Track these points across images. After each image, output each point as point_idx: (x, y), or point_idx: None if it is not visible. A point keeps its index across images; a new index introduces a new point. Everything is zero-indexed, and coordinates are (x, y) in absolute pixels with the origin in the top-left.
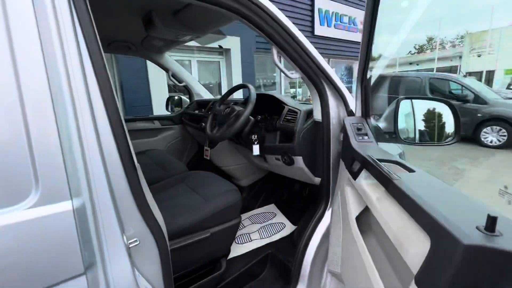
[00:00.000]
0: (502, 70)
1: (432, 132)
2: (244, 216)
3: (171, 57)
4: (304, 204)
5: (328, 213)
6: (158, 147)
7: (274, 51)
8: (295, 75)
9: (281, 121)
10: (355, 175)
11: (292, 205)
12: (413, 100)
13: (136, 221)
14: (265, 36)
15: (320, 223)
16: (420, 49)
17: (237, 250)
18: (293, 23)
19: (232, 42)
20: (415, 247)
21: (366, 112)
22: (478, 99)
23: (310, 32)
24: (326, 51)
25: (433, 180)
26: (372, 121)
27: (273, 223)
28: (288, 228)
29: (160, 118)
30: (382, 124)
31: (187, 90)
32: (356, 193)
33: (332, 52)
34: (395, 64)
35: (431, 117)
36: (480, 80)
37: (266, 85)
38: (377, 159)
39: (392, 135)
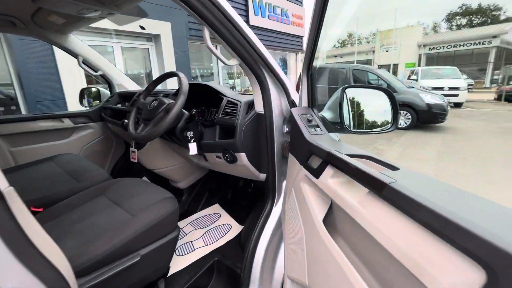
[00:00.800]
0: (404, 63)
1: (373, 120)
2: (184, 222)
3: (83, 41)
4: (250, 201)
5: (276, 210)
6: (71, 151)
7: (206, 33)
8: (233, 62)
9: (220, 115)
10: (316, 172)
11: (238, 203)
12: (356, 89)
13: (14, 272)
14: (196, 15)
15: (268, 221)
16: (343, 44)
17: (178, 264)
18: None
19: (162, 28)
20: (451, 276)
21: (313, 102)
22: (389, 88)
23: (245, 22)
24: (261, 42)
25: (431, 180)
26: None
27: (219, 226)
28: (235, 229)
29: (71, 115)
30: (326, 114)
31: (106, 81)
32: (318, 192)
33: (266, 43)
34: (323, 56)
35: (371, 105)
36: (389, 71)
37: (203, 76)
38: (346, 154)
39: (338, 125)
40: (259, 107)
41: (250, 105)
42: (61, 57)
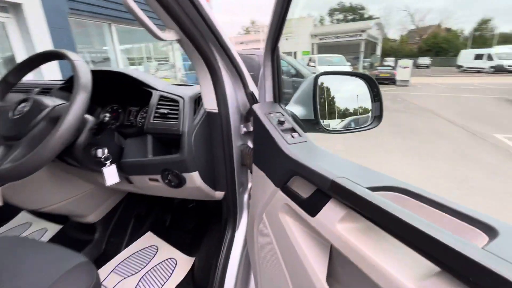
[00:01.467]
0: (301, 51)
1: (352, 115)
2: (105, 271)
3: None
4: (198, 223)
5: (239, 234)
6: None
7: None
8: (169, 35)
9: (152, 118)
10: (310, 208)
11: (179, 227)
12: (331, 76)
13: None
14: None
15: (232, 251)
16: (247, 31)
17: None
18: None
19: None
20: None
21: (280, 96)
22: (298, 74)
23: None
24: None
25: None
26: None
27: (159, 264)
28: (183, 263)
29: None
30: (295, 110)
31: None
32: (314, 234)
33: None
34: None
35: (350, 96)
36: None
37: (94, 62)
38: (368, 188)
39: (311, 123)
40: (210, 104)
41: (196, 101)
42: None
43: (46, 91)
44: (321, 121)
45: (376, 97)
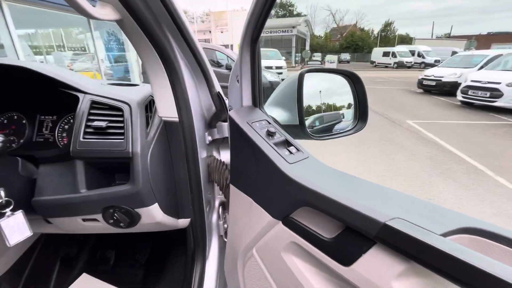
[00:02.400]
0: (237, 44)
1: (335, 117)
2: None
3: None
4: (150, 253)
5: (210, 267)
6: None
7: None
8: (105, 12)
9: (83, 135)
10: (340, 254)
11: (125, 263)
12: (316, 74)
13: None
14: None
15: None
16: None
17: None
18: None
19: None
20: None
21: (260, 99)
22: None
23: None
24: None
25: None
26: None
27: None
28: None
29: None
30: (275, 114)
31: None
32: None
33: None
34: None
35: (334, 96)
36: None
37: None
38: (441, 234)
39: (295, 128)
40: (167, 111)
41: (147, 107)
42: None
43: None
44: (305, 126)
45: (360, 96)
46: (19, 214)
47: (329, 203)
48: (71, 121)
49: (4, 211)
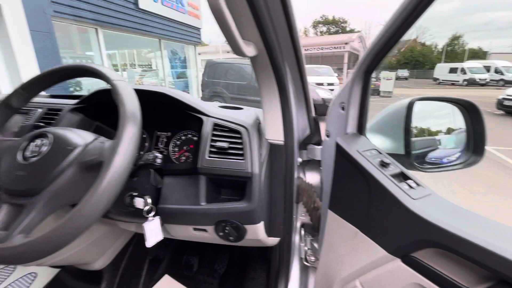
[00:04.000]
0: None
1: (446, 149)
2: None
3: None
4: (228, 265)
5: None
6: None
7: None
8: (250, 50)
9: (208, 154)
10: None
11: (204, 270)
12: (427, 102)
13: None
14: None
15: None
16: None
17: None
18: None
19: None
20: None
21: (365, 127)
22: None
23: (133, 4)
24: (156, 30)
25: None
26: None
27: None
28: None
29: None
30: (376, 141)
31: None
32: None
33: (162, 32)
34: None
35: (444, 126)
36: None
37: None
38: None
39: (400, 158)
40: (275, 134)
41: (258, 131)
42: None
43: (52, 113)
44: (412, 156)
45: (477, 127)
46: (157, 219)
47: (473, 249)
48: (182, 137)
49: (148, 216)
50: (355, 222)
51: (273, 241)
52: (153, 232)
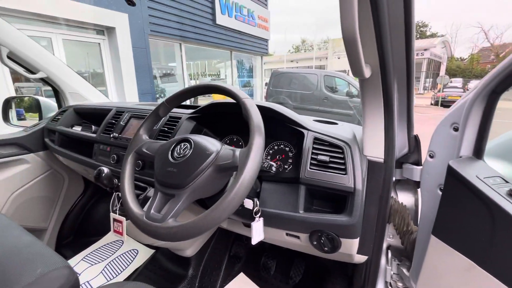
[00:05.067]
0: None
1: None
2: None
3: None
4: (303, 275)
5: None
6: None
7: None
8: (367, 71)
9: (309, 166)
10: None
11: (279, 276)
12: None
13: None
14: None
15: None
16: (297, 49)
17: None
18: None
19: (118, 20)
20: None
21: (483, 149)
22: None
23: (211, 21)
24: (228, 43)
25: None
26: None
27: None
28: None
29: None
30: (496, 168)
31: (52, 88)
32: None
33: (233, 44)
34: (283, 60)
35: None
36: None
37: (162, 77)
38: None
39: None
40: (374, 151)
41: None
42: None
43: (173, 121)
44: None
45: None
46: (261, 220)
47: None
48: (274, 147)
49: (255, 216)
50: (469, 253)
51: (360, 258)
52: (257, 232)
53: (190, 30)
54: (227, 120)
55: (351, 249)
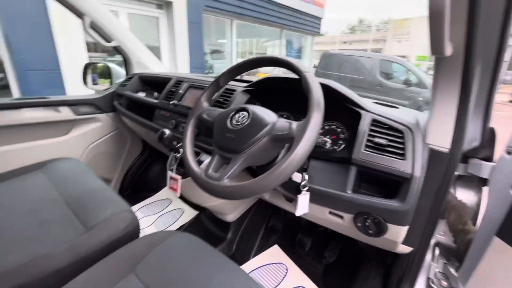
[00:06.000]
0: (415, 56)
1: None
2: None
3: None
4: (337, 258)
5: None
6: (71, 153)
7: None
8: (449, 49)
9: (364, 147)
10: None
11: (313, 253)
12: None
13: None
14: None
15: None
16: (352, 30)
17: None
18: None
19: None
20: None
21: None
22: (421, 83)
23: None
24: (280, 20)
25: None
26: None
27: None
28: None
29: (72, 103)
30: None
31: (121, 56)
32: None
33: (285, 22)
34: (335, 42)
35: None
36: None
37: (211, 53)
38: None
39: None
40: (439, 140)
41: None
42: (56, 15)
43: (229, 93)
44: None
45: None
46: (308, 194)
47: None
48: (325, 127)
49: (303, 190)
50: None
51: (404, 249)
52: (302, 204)
53: (243, 6)
54: (279, 97)
55: (397, 236)
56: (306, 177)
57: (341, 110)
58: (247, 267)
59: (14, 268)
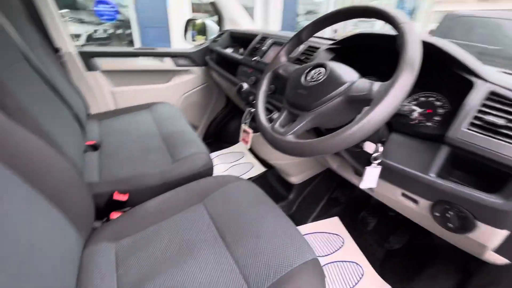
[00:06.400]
0: None
1: None
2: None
3: None
4: (405, 245)
5: None
6: (170, 98)
7: None
8: None
9: (467, 125)
10: None
11: (376, 236)
12: None
13: None
14: None
15: None
16: None
17: None
18: None
19: None
20: None
21: None
22: None
23: None
24: None
25: None
26: None
27: (344, 263)
28: (371, 277)
29: (173, 55)
30: None
31: (215, 12)
32: None
33: None
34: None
35: None
36: None
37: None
38: None
39: None
40: None
41: None
42: None
43: (311, 50)
44: None
45: None
46: (379, 168)
47: None
48: (420, 99)
49: (374, 162)
50: None
51: (495, 258)
52: (370, 178)
53: None
54: (370, 59)
55: (487, 239)
56: (381, 149)
57: (449, 80)
58: (302, 229)
59: (122, 178)
